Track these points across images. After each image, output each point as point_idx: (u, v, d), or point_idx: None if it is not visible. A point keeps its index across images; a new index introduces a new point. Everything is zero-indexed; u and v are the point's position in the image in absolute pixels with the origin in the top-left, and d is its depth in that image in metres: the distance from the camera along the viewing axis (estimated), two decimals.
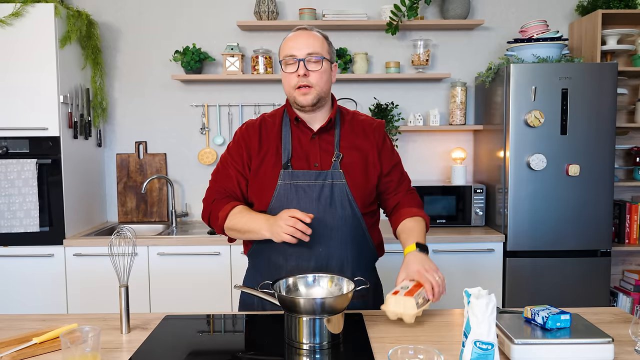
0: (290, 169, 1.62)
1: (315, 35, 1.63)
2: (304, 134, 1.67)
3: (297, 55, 1.58)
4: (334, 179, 1.61)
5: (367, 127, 1.72)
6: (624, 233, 3.19)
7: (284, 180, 1.61)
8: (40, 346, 1.33)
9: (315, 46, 1.60)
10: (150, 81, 3.41)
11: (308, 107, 1.62)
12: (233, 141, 1.72)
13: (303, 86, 1.59)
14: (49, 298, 2.85)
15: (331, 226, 1.61)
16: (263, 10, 3.20)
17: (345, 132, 1.69)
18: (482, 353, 1.08)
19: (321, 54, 1.60)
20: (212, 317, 1.62)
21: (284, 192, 1.60)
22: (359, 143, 1.68)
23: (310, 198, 1.60)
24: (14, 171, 2.77)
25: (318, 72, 1.60)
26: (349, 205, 1.62)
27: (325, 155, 1.65)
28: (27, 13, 2.75)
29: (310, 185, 1.61)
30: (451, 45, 3.41)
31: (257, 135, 1.68)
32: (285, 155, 1.64)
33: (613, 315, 1.58)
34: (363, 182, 1.65)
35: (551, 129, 2.83)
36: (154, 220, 3.40)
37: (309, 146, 1.66)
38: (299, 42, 1.60)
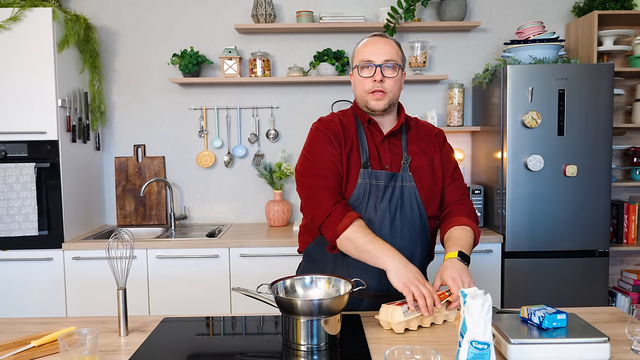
0: (369, 168, 1.66)
1: (391, 42, 1.67)
2: (375, 136, 1.71)
3: (375, 61, 1.63)
4: (404, 181, 1.67)
5: (430, 131, 1.79)
6: (622, 233, 3.20)
7: (363, 179, 1.65)
8: (38, 349, 1.34)
9: (392, 53, 1.64)
10: (149, 84, 3.41)
11: (379, 112, 1.67)
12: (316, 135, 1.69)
13: (377, 91, 1.63)
14: (48, 302, 2.85)
15: (400, 228, 1.66)
16: (260, 13, 3.21)
17: (412, 136, 1.75)
18: (478, 353, 1.09)
19: (397, 61, 1.65)
20: (210, 320, 1.62)
21: (363, 190, 1.65)
22: (425, 147, 1.74)
23: (384, 198, 1.65)
24: (12, 175, 2.77)
25: (393, 78, 1.64)
26: (417, 207, 1.67)
27: (395, 158, 1.70)
28: (25, 17, 2.76)
29: (385, 186, 1.65)
30: (448, 47, 3.42)
31: (341, 129, 1.69)
32: (364, 155, 1.68)
33: (610, 315, 1.59)
34: (431, 184, 1.70)
35: (548, 130, 2.84)
36: (152, 223, 3.40)
37: (380, 148, 1.70)
38: (377, 48, 1.64)
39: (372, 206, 1.64)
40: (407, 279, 1.43)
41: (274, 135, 3.42)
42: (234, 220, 3.47)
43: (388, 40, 1.67)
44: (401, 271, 1.44)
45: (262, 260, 2.85)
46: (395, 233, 1.65)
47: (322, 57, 3.28)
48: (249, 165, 3.45)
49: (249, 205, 3.46)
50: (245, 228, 3.24)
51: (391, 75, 1.64)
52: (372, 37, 1.69)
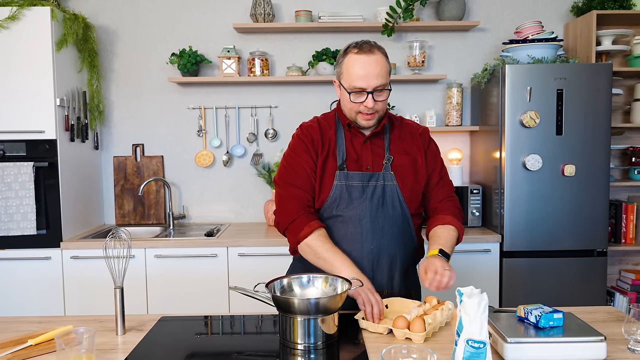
0: (345, 170, 1.69)
1: (381, 62, 1.61)
2: (356, 138, 1.73)
3: (367, 89, 1.60)
4: (386, 180, 1.69)
5: (414, 131, 1.79)
6: (620, 233, 3.20)
7: (339, 180, 1.68)
8: (35, 348, 1.34)
9: (382, 76, 1.61)
10: (147, 84, 3.41)
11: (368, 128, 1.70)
12: (295, 143, 1.75)
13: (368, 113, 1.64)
14: (46, 301, 2.85)
15: (382, 225, 1.68)
16: (259, 12, 3.21)
17: (395, 136, 1.76)
18: (474, 352, 1.09)
19: (386, 84, 1.63)
20: (208, 319, 1.62)
21: (339, 191, 1.67)
22: (408, 147, 1.75)
23: (363, 198, 1.67)
24: (10, 174, 2.77)
25: (383, 101, 1.65)
26: (399, 205, 1.69)
27: (377, 158, 1.72)
28: (23, 16, 2.76)
29: (364, 186, 1.68)
30: (447, 46, 3.42)
31: (319, 136, 1.73)
32: (340, 157, 1.70)
33: (607, 314, 1.59)
34: (413, 183, 1.72)
35: (547, 130, 2.84)
36: (151, 223, 3.40)
37: (361, 149, 1.72)
38: (368, 73, 1.59)
39: (351, 205, 1.67)
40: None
41: (272, 135, 3.42)
42: (232, 220, 3.47)
43: (377, 58, 1.61)
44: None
45: (260, 260, 2.85)
46: (377, 230, 1.67)
47: (320, 57, 3.28)
48: (248, 164, 3.45)
49: (247, 205, 3.46)
50: (243, 227, 3.24)
51: (381, 98, 1.63)
52: (360, 54, 1.61)
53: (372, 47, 1.63)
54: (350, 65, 1.62)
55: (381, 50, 1.65)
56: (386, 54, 1.66)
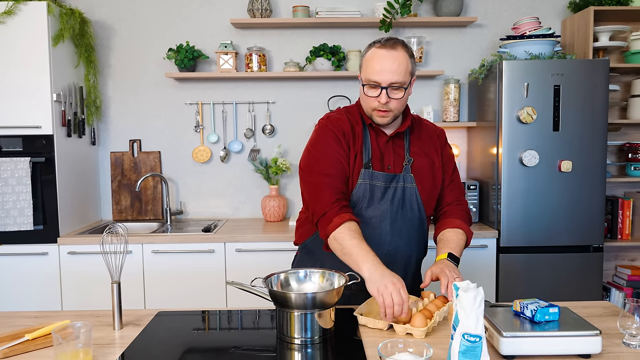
0: (370, 169, 1.67)
1: (400, 59, 1.57)
2: (380, 137, 1.71)
3: (381, 83, 1.57)
4: (406, 182, 1.68)
5: (432, 132, 1.79)
6: (617, 229, 3.21)
7: (363, 179, 1.66)
8: (32, 342, 1.34)
9: (399, 74, 1.57)
10: (144, 79, 3.40)
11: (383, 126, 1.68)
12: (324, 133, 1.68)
13: (382, 110, 1.62)
14: (44, 296, 2.85)
15: (401, 227, 1.68)
16: (256, 7, 3.20)
17: (415, 137, 1.75)
18: (470, 345, 1.09)
19: (404, 82, 1.58)
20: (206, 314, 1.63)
21: (363, 191, 1.66)
22: (427, 149, 1.75)
23: (385, 199, 1.66)
24: (7, 169, 2.76)
25: (399, 100, 1.61)
26: (417, 208, 1.69)
27: (398, 159, 1.70)
28: (19, 11, 2.74)
29: (386, 187, 1.66)
30: (444, 42, 3.42)
31: (350, 129, 1.68)
32: (367, 155, 1.68)
33: (603, 309, 1.60)
34: (431, 186, 1.72)
35: (543, 126, 2.85)
36: (148, 218, 3.40)
37: (384, 149, 1.70)
38: (384, 68, 1.56)
39: (373, 206, 1.66)
40: (382, 285, 1.39)
41: (270, 131, 3.41)
42: (229, 215, 3.47)
43: (397, 56, 1.57)
44: (375, 279, 1.41)
45: (257, 255, 2.85)
46: (395, 232, 1.67)
47: (318, 52, 3.27)
48: (245, 160, 3.45)
49: (244, 201, 3.46)
50: (241, 223, 3.24)
51: (396, 96, 1.60)
52: (381, 48, 1.58)
53: (396, 43, 1.59)
54: (370, 58, 1.60)
55: (405, 48, 1.60)
56: (411, 53, 1.62)
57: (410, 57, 1.61)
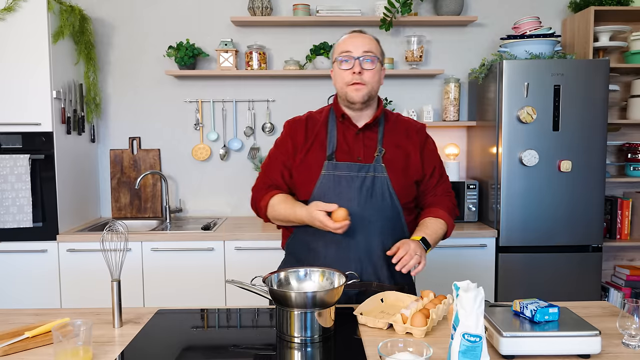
0: (334, 160, 1.70)
1: (370, 37, 1.72)
2: (348, 129, 1.75)
3: (354, 54, 1.66)
4: (376, 172, 1.69)
5: (410, 128, 1.81)
6: (616, 229, 3.22)
7: (327, 170, 1.69)
8: (32, 340, 1.34)
9: (371, 46, 1.69)
10: (144, 77, 3.40)
11: (358, 104, 1.70)
12: (280, 136, 1.83)
13: (356, 83, 1.66)
14: (43, 294, 2.85)
15: (370, 217, 1.68)
16: (257, 5, 3.20)
17: (389, 130, 1.77)
18: (470, 345, 1.09)
19: (376, 54, 1.69)
20: (205, 312, 1.63)
21: (327, 182, 1.68)
22: (401, 142, 1.76)
23: (351, 188, 1.67)
24: (6, 167, 2.76)
25: (372, 71, 1.68)
26: (389, 198, 1.69)
27: (368, 150, 1.72)
28: (19, 8, 2.74)
29: (353, 176, 1.68)
30: (445, 41, 3.42)
31: (303, 129, 1.77)
32: (330, 148, 1.72)
33: (602, 309, 1.60)
34: (404, 177, 1.72)
35: (543, 125, 2.85)
36: (147, 216, 3.40)
37: (353, 141, 1.73)
38: (356, 41, 1.68)
39: (339, 195, 1.67)
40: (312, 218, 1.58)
41: (269, 129, 3.41)
42: (229, 214, 3.47)
43: (366, 35, 1.72)
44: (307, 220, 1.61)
45: (257, 254, 2.85)
46: (365, 222, 1.67)
47: (318, 51, 3.27)
48: (245, 158, 3.45)
49: (244, 199, 3.46)
50: (240, 221, 3.24)
51: (370, 67, 1.67)
52: (351, 32, 1.74)
53: (364, 31, 1.75)
54: (340, 42, 1.73)
55: (374, 36, 1.75)
56: (378, 40, 1.75)
57: (379, 43, 1.75)
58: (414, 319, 1.37)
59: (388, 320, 1.41)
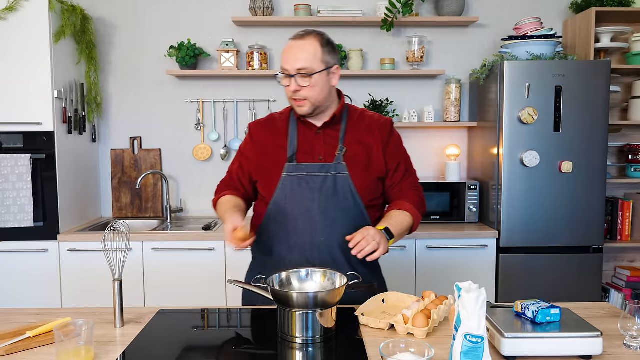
0: (294, 162, 1.68)
1: (308, 46, 1.62)
2: (309, 129, 1.73)
3: (289, 71, 1.62)
4: (337, 171, 1.66)
5: (373, 124, 1.76)
6: (617, 230, 3.21)
7: (288, 172, 1.67)
8: (33, 340, 1.34)
9: (306, 61, 1.60)
10: (145, 77, 3.40)
11: (306, 116, 1.69)
12: (244, 140, 1.83)
13: (297, 99, 1.64)
14: (43, 293, 2.85)
15: (333, 217, 1.65)
16: (258, 6, 3.20)
17: (351, 127, 1.74)
18: (472, 346, 1.09)
19: (311, 69, 1.60)
20: (206, 312, 1.63)
21: (288, 183, 1.66)
22: (364, 138, 1.72)
23: (312, 189, 1.65)
24: (8, 166, 2.76)
25: (308, 87, 1.62)
26: (351, 196, 1.66)
27: (330, 148, 1.70)
28: (21, 7, 2.74)
29: (314, 177, 1.66)
30: (446, 42, 3.42)
31: (264, 132, 1.76)
32: (291, 150, 1.70)
33: (603, 310, 1.60)
34: (366, 175, 1.70)
35: (544, 126, 2.85)
36: (148, 216, 3.40)
37: (313, 141, 1.71)
38: (290, 56, 1.62)
39: (300, 197, 1.65)
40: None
41: None
42: None
43: (305, 44, 1.62)
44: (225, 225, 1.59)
45: None
46: (327, 222, 1.65)
47: None
48: None
49: None
50: None
51: (305, 84, 1.61)
52: (292, 40, 1.66)
53: (307, 33, 1.65)
54: (283, 50, 1.67)
55: (317, 38, 1.64)
56: (324, 43, 1.64)
57: (323, 46, 1.63)
58: (416, 319, 1.37)
59: (389, 321, 1.41)
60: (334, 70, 1.68)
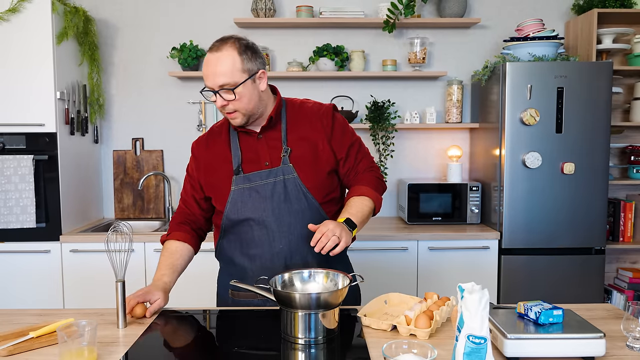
0: (241, 173, 1.63)
1: (224, 59, 1.52)
2: (250, 136, 1.67)
3: (212, 87, 1.54)
4: (285, 174, 1.62)
5: (313, 115, 1.70)
6: (619, 231, 3.21)
7: (237, 185, 1.63)
8: (36, 340, 1.34)
9: (224, 76, 1.51)
10: (147, 78, 3.41)
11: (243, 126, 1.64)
12: (189, 160, 1.78)
13: (227, 113, 1.59)
14: (46, 294, 2.85)
15: (288, 222, 1.62)
16: (260, 7, 3.20)
17: (291, 124, 1.68)
18: (475, 347, 1.09)
19: (231, 82, 1.52)
20: (208, 312, 1.63)
21: (238, 196, 1.63)
22: (306, 133, 1.67)
23: (262, 197, 1.61)
24: (10, 167, 2.77)
25: (235, 100, 1.55)
26: (304, 197, 1.62)
27: (274, 152, 1.64)
28: (23, 9, 2.75)
29: (262, 184, 1.62)
30: (448, 43, 3.42)
31: (205, 147, 1.72)
32: (236, 161, 1.65)
33: (606, 312, 1.60)
34: (315, 171, 1.65)
35: (546, 127, 2.85)
36: (150, 217, 3.40)
37: (257, 146, 1.66)
38: (209, 72, 1.53)
39: (252, 208, 1.62)
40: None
41: None
42: None
43: (221, 55, 1.52)
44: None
45: None
46: (283, 228, 1.61)
47: (321, 52, 3.27)
48: None
49: None
50: None
51: (229, 98, 1.54)
52: (209, 52, 1.55)
53: (222, 43, 1.54)
54: (203, 64, 1.57)
55: (234, 46, 1.53)
56: (242, 50, 1.54)
57: (241, 54, 1.53)
58: (418, 320, 1.37)
59: (392, 322, 1.41)
60: (260, 75, 1.59)
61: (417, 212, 3.12)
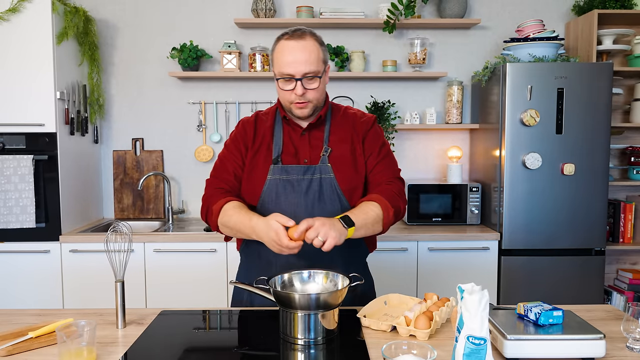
0: (280, 164, 1.64)
1: (310, 48, 1.55)
2: (294, 130, 1.68)
3: (295, 75, 1.54)
4: (322, 173, 1.63)
5: (356, 120, 1.72)
6: (619, 232, 3.21)
7: (273, 175, 1.63)
8: (35, 340, 1.34)
9: (311, 64, 1.54)
10: (147, 78, 3.41)
11: (302, 117, 1.65)
12: (230, 138, 1.74)
13: (300, 102, 1.59)
14: (45, 294, 2.85)
15: None
16: (260, 7, 3.20)
17: (335, 126, 1.70)
18: (474, 348, 1.09)
19: (317, 71, 1.56)
20: (207, 313, 1.63)
21: (274, 186, 1.62)
22: (347, 136, 1.69)
23: (298, 193, 1.61)
24: (10, 167, 2.77)
25: (314, 89, 1.58)
26: (337, 199, 1.62)
27: (315, 150, 1.66)
28: (24, 9, 2.75)
29: (299, 179, 1.62)
30: (448, 44, 3.42)
31: (253, 131, 1.70)
32: (276, 151, 1.65)
33: (606, 313, 1.60)
34: (352, 174, 1.65)
35: (547, 128, 2.85)
36: (150, 217, 3.40)
37: (298, 142, 1.67)
38: (295, 59, 1.54)
39: (285, 201, 1.61)
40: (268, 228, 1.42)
41: None
42: None
43: (306, 45, 1.55)
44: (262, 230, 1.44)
45: None
46: None
47: None
48: None
49: None
50: None
51: (312, 87, 1.57)
52: (289, 39, 1.55)
53: (303, 33, 1.57)
54: (280, 51, 1.57)
55: (314, 37, 1.58)
56: (321, 42, 1.60)
57: (321, 45, 1.59)
58: (418, 321, 1.37)
59: (392, 323, 1.41)
60: (328, 68, 1.65)
61: (417, 213, 3.12)
